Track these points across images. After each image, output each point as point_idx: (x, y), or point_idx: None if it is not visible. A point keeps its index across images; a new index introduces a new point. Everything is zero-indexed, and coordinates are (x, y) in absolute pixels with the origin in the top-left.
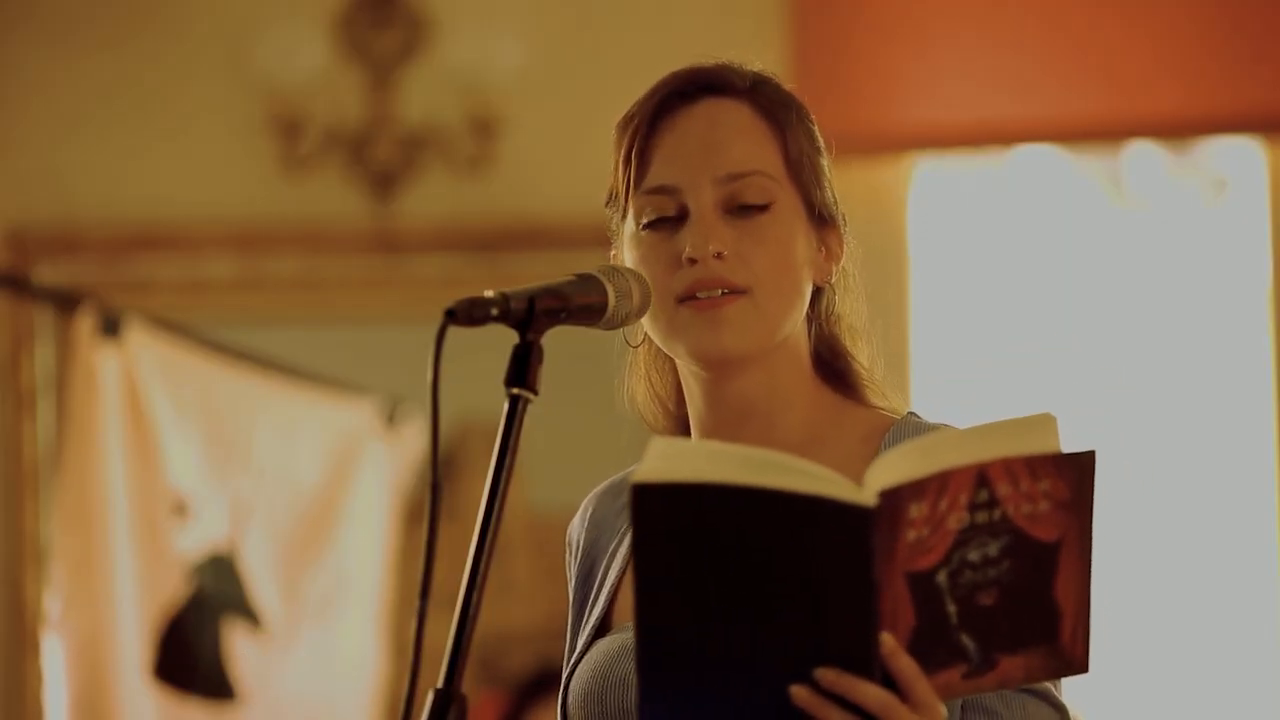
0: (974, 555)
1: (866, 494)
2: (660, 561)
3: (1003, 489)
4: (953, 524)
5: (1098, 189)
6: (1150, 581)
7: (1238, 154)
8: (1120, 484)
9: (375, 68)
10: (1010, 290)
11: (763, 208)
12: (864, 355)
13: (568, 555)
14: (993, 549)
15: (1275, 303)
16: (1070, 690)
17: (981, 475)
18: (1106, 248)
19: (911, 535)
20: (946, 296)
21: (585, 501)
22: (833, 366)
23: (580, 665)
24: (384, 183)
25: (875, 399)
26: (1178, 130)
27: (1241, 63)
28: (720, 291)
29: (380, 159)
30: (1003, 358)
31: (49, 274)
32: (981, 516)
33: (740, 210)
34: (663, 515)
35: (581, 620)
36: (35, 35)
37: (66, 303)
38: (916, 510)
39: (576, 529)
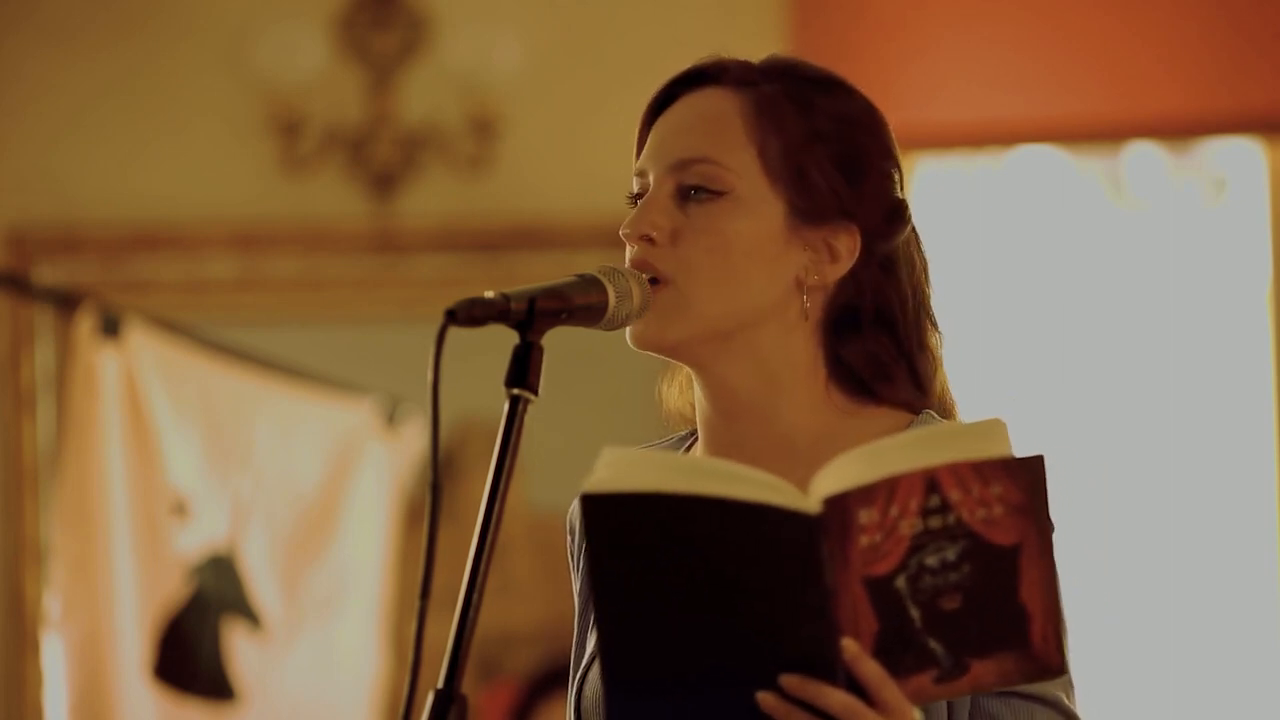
0: (932, 560)
1: (811, 501)
2: (615, 572)
3: (954, 494)
4: (905, 530)
5: (1098, 189)
6: (1151, 581)
7: (1238, 154)
8: (1120, 484)
9: (375, 68)
10: (1010, 290)
11: (713, 194)
12: (902, 367)
13: (571, 542)
14: (950, 553)
15: (1275, 303)
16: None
17: (930, 481)
18: (1106, 248)
19: (864, 541)
20: (946, 296)
21: None
22: (850, 366)
23: (596, 665)
24: (384, 183)
25: (895, 395)
26: (1178, 130)
27: (1241, 63)
28: (646, 276)
29: (380, 159)
30: (1002, 357)
31: (49, 274)
32: (935, 521)
33: (694, 196)
34: (613, 526)
35: (592, 615)
36: (35, 35)
37: (66, 303)
38: (866, 516)
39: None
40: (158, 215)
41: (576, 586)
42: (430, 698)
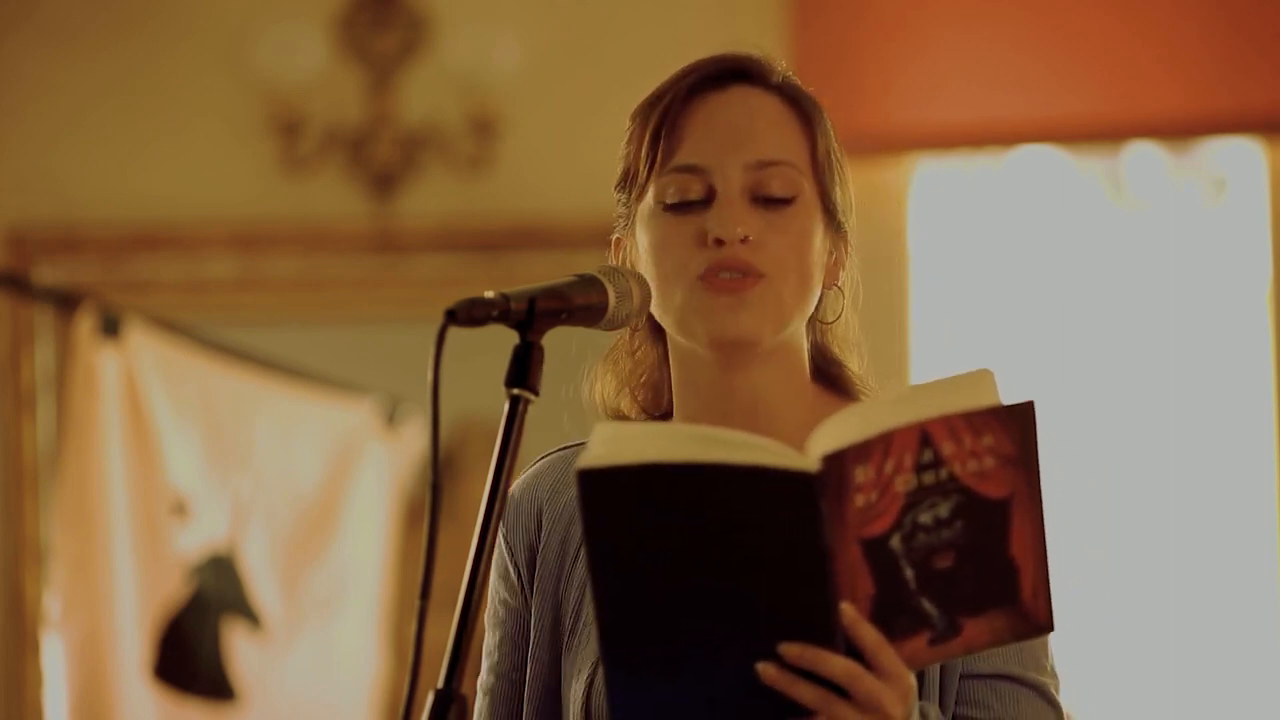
0: (925, 517)
1: (809, 460)
2: (613, 546)
3: (947, 447)
4: (900, 486)
5: (1098, 189)
6: (1151, 581)
7: (1238, 154)
8: (1120, 484)
9: (375, 68)
10: (1010, 290)
11: (787, 200)
12: (854, 364)
13: (515, 531)
14: (943, 510)
15: (1275, 303)
16: (1069, 689)
17: (924, 434)
18: (1106, 248)
19: (860, 500)
20: (946, 296)
21: (540, 474)
22: (827, 371)
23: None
24: (384, 183)
25: (861, 384)
26: (1178, 130)
27: (1241, 63)
28: (740, 275)
29: (380, 159)
30: (1003, 357)
31: (49, 274)
32: (929, 477)
33: (765, 200)
34: (611, 499)
35: (568, 615)
36: (35, 35)
37: (66, 303)
38: (862, 474)
39: (536, 499)
40: (158, 215)
41: (529, 571)
42: (430, 698)
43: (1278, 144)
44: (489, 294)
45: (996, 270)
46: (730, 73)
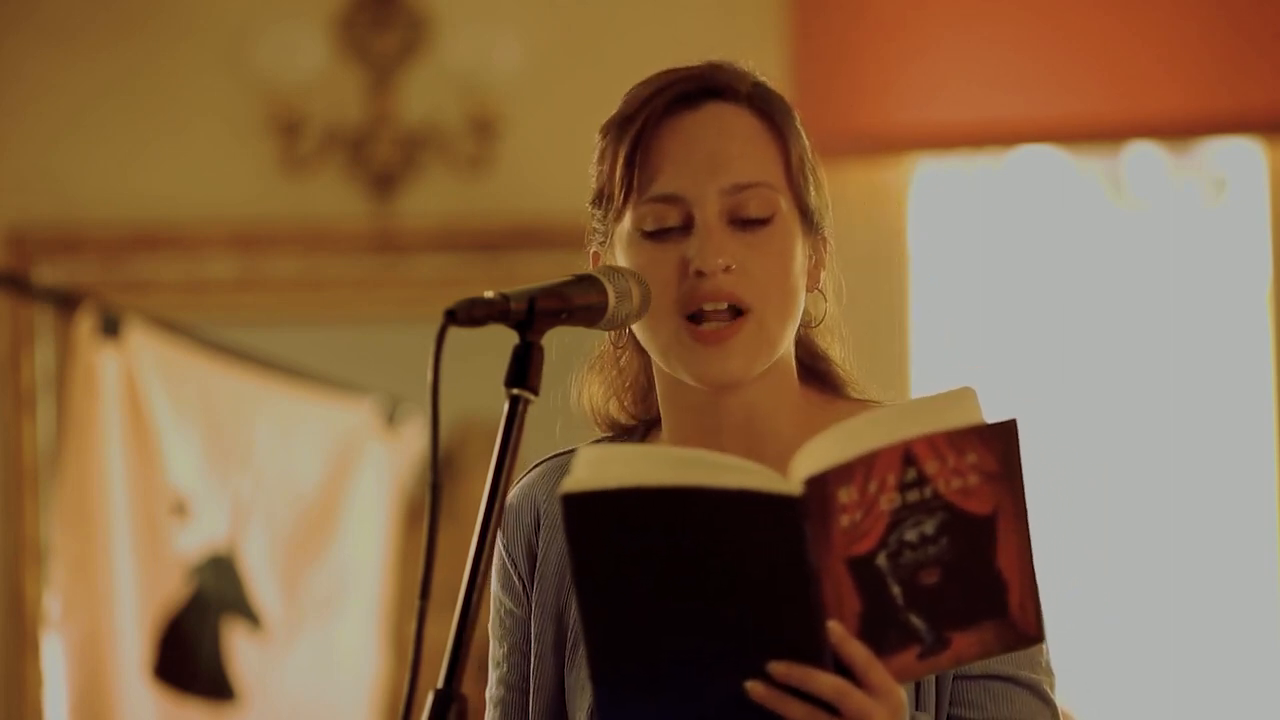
0: (911, 535)
1: (793, 483)
2: (598, 568)
3: (930, 466)
4: (884, 505)
5: (1098, 189)
6: (1151, 581)
7: (1238, 154)
8: (1120, 484)
9: (375, 68)
10: (1010, 290)
11: (765, 220)
12: (837, 352)
13: (519, 525)
14: (929, 527)
15: (1275, 303)
16: (1068, 688)
17: (907, 454)
18: (1106, 248)
19: (845, 520)
20: (946, 296)
21: (535, 481)
22: (813, 367)
23: None
24: (384, 183)
25: (854, 393)
26: (1178, 130)
27: (1241, 63)
28: (725, 305)
29: (380, 159)
30: (1003, 357)
31: (49, 274)
32: (913, 495)
33: (743, 222)
34: (594, 523)
35: (571, 630)
36: (35, 35)
37: (66, 303)
38: (846, 495)
39: (535, 505)
40: (158, 215)
41: (518, 582)
42: (430, 698)
43: (1278, 144)
44: (489, 294)
45: (996, 270)
46: (700, 88)
